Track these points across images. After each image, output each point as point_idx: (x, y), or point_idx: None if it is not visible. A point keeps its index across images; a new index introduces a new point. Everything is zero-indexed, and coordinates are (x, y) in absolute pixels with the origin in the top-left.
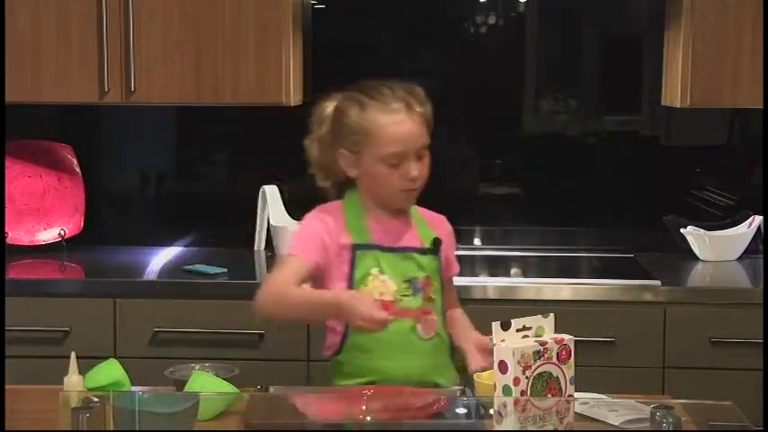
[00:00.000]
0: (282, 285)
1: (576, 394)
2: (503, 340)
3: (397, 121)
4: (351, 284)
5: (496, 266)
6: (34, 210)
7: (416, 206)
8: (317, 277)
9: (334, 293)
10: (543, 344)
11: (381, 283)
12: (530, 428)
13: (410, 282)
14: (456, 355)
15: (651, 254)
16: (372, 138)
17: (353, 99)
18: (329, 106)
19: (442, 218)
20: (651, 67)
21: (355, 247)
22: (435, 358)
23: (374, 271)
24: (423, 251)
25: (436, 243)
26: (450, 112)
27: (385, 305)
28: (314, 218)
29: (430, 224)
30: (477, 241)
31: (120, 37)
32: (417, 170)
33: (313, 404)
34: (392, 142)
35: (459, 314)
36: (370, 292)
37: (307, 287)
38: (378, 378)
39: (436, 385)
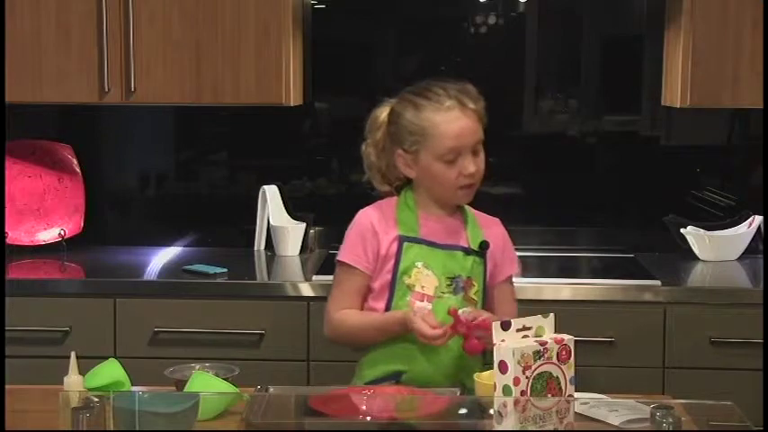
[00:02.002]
0: (338, 318)
1: (576, 394)
2: (503, 340)
3: (451, 119)
4: (395, 275)
5: None
6: (34, 210)
7: (472, 208)
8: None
9: (390, 316)
10: (543, 344)
11: (424, 277)
12: (530, 428)
13: (453, 280)
14: (487, 357)
15: (651, 254)
16: (428, 136)
17: (407, 101)
18: (383, 112)
19: (497, 221)
20: (651, 67)
21: (402, 239)
22: (465, 359)
23: (419, 264)
24: (467, 251)
25: (482, 246)
26: None
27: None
28: (362, 217)
29: (482, 226)
30: None
31: (120, 37)
32: (474, 165)
33: (313, 404)
34: (448, 139)
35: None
36: (412, 284)
37: (358, 312)
38: (403, 368)
39: (463, 386)
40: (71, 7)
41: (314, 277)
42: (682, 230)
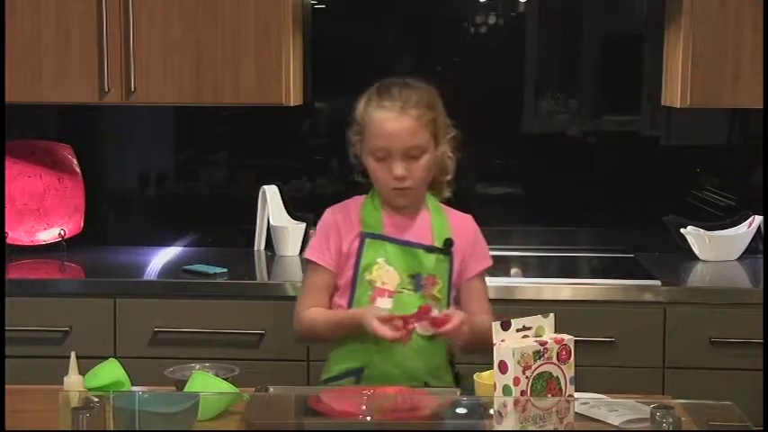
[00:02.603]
0: (305, 316)
1: (576, 394)
2: (503, 340)
3: (384, 118)
4: (356, 271)
5: (496, 266)
6: (34, 210)
7: (442, 204)
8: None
9: (348, 314)
10: (543, 344)
11: (385, 273)
12: (530, 428)
13: (414, 277)
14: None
15: (651, 254)
16: (366, 130)
17: (369, 92)
18: None
19: (468, 218)
20: (651, 67)
21: (365, 236)
22: (429, 359)
23: (380, 260)
24: (429, 249)
25: (447, 244)
26: (449, 111)
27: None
28: (327, 214)
29: (451, 223)
30: None
31: (120, 37)
32: (402, 170)
33: (313, 404)
34: (377, 137)
35: (478, 318)
36: (373, 279)
37: (323, 310)
38: (365, 365)
39: (426, 386)
40: (71, 7)
41: None
42: (682, 230)
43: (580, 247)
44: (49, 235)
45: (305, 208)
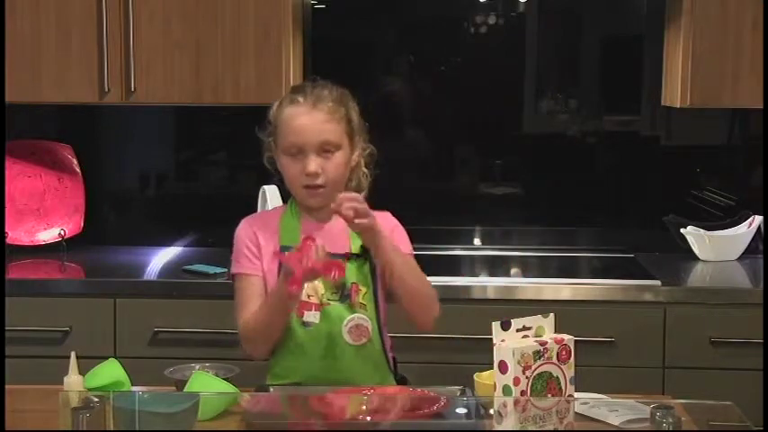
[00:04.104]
0: (243, 325)
1: (576, 394)
2: (503, 340)
3: (296, 113)
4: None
5: (496, 266)
6: (34, 210)
7: None
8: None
9: (271, 291)
10: (543, 344)
11: (309, 286)
12: (530, 428)
13: (337, 287)
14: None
15: (651, 254)
16: (278, 128)
17: (285, 94)
18: None
19: (385, 215)
20: (651, 67)
21: (283, 249)
22: (365, 365)
23: None
24: (347, 257)
25: (364, 248)
26: (450, 111)
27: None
28: (244, 225)
29: None
30: (477, 241)
31: (120, 37)
32: (316, 165)
33: (313, 404)
34: (289, 133)
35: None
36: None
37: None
38: (302, 380)
39: None
40: (71, 7)
41: None
42: (682, 230)
43: (580, 247)
44: (49, 235)
45: None
